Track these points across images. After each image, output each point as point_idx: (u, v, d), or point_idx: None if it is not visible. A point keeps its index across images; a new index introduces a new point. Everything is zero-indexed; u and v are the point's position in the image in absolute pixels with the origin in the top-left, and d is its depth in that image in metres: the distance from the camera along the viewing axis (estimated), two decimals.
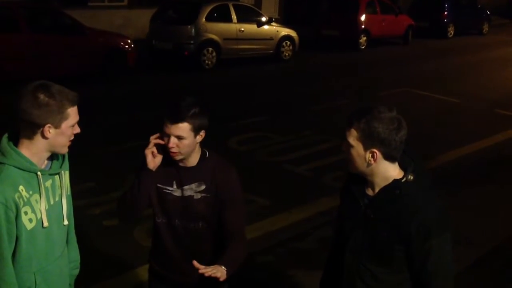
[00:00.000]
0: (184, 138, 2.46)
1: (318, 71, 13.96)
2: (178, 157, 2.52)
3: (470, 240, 5.20)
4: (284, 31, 15.01)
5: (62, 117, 2.13)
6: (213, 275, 2.32)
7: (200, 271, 2.33)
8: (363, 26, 17.58)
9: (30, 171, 2.14)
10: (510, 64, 15.62)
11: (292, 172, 6.85)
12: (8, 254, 2.12)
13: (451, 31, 21.35)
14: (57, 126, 2.13)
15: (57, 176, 2.29)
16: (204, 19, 13.09)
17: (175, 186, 2.60)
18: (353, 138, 2.25)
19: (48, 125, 2.11)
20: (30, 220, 2.15)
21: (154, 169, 2.53)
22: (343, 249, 2.40)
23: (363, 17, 17.64)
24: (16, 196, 2.09)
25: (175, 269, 2.71)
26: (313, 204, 5.90)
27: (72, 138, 2.23)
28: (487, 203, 6.11)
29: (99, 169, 6.45)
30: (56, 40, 10.75)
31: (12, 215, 2.09)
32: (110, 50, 11.48)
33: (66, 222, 2.35)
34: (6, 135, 2.19)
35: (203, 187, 2.58)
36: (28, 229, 2.15)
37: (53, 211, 2.27)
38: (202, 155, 2.61)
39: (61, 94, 2.13)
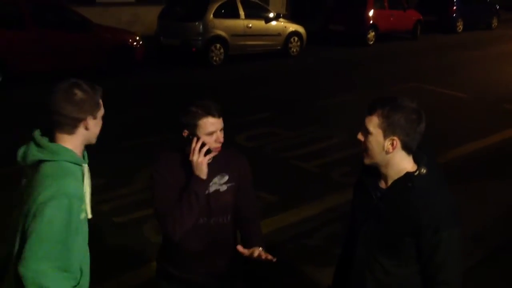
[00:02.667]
0: (222, 129, 2.55)
1: (326, 67, 13.92)
2: (218, 150, 2.55)
3: (480, 235, 5.19)
4: (292, 27, 14.98)
5: (97, 108, 2.32)
6: (265, 257, 2.51)
7: (247, 255, 2.51)
8: (371, 21, 17.51)
9: (77, 164, 2.27)
10: None
11: (300, 168, 6.84)
12: (73, 246, 2.19)
13: (460, 26, 21.22)
14: (95, 117, 2.31)
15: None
16: (212, 15, 13.09)
17: None
18: (373, 125, 2.26)
19: (89, 117, 2.28)
20: (85, 212, 2.28)
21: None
22: (355, 242, 2.41)
23: (371, 12, 17.56)
24: (80, 194, 2.22)
25: (195, 268, 2.67)
26: (321, 200, 5.90)
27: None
28: (496, 199, 6.08)
29: (107, 166, 6.47)
30: (62, 36, 10.81)
31: (83, 208, 2.23)
32: (118, 46, 11.51)
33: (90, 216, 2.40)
34: (38, 133, 2.29)
35: (226, 177, 2.61)
36: (81, 219, 2.24)
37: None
38: None
39: (91, 87, 2.31)
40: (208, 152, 2.47)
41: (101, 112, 2.35)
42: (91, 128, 2.31)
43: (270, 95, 10.50)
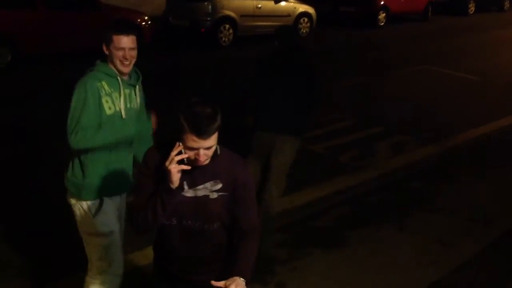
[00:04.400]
0: (213, 146, 2.32)
1: (336, 48, 13.81)
2: (204, 163, 2.36)
3: (488, 220, 5.17)
4: (302, 7, 14.85)
5: (109, 41, 3.04)
6: None
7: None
8: (382, 2, 17.32)
9: (111, 76, 3.05)
10: None
11: (309, 150, 6.81)
12: (97, 124, 2.97)
13: (471, 7, 20.97)
14: (107, 48, 3.05)
15: (133, 88, 3.17)
16: None
17: (186, 187, 2.41)
18: None
19: (105, 46, 3.06)
20: (110, 108, 3.02)
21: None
22: None
23: None
24: (97, 85, 2.98)
25: (184, 268, 2.61)
26: (330, 182, 5.88)
27: (122, 60, 3.03)
28: (504, 184, 6.04)
29: None
30: (71, 16, 10.81)
31: (96, 95, 2.97)
32: None
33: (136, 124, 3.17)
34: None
35: (219, 185, 2.44)
36: (107, 114, 3.01)
37: (131, 112, 3.14)
38: (214, 152, 2.39)
39: (110, 26, 3.08)
40: (181, 162, 2.29)
41: (113, 45, 3.01)
42: (109, 55, 3.06)
43: None
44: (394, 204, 5.49)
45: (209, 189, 2.43)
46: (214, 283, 2.31)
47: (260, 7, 13.82)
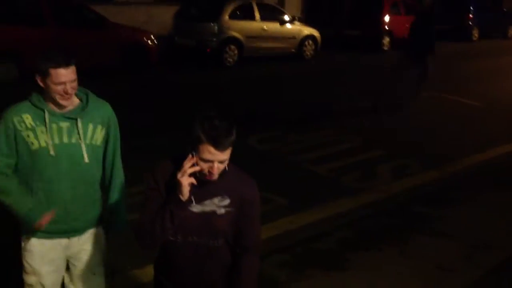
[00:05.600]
0: (226, 160, 2.34)
1: (340, 71, 13.89)
2: (215, 178, 2.36)
3: (489, 246, 5.15)
4: (307, 30, 14.98)
5: (46, 75, 2.71)
6: None
7: None
8: (386, 27, 17.45)
9: (39, 108, 2.77)
10: None
11: (312, 172, 6.83)
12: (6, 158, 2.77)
13: (475, 34, 21.09)
14: (43, 81, 2.73)
15: (75, 122, 2.80)
16: (227, 16, 13.14)
17: (193, 202, 2.40)
18: None
19: (39, 77, 2.73)
20: (33, 143, 2.74)
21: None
22: None
23: (386, 18, 17.51)
24: (15, 119, 2.75)
25: (186, 284, 2.60)
26: (332, 204, 5.88)
27: (62, 94, 2.73)
28: (505, 209, 6.04)
29: None
30: (80, 34, 10.90)
31: (11, 130, 2.75)
32: (133, 45, 11.59)
33: (86, 160, 2.84)
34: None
35: (227, 201, 2.44)
36: (32, 149, 2.75)
37: (67, 149, 2.79)
38: (223, 168, 2.40)
39: (46, 56, 2.73)
40: (193, 175, 2.31)
41: (51, 79, 2.69)
42: (45, 88, 2.75)
43: (284, 98, 10.50)
44: (395, 228, 5.49)
45: (217, 204, 2.44)
46: None
47: (266, 29, 13.95)
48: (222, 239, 2.50)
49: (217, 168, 2.31)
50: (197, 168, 2.30)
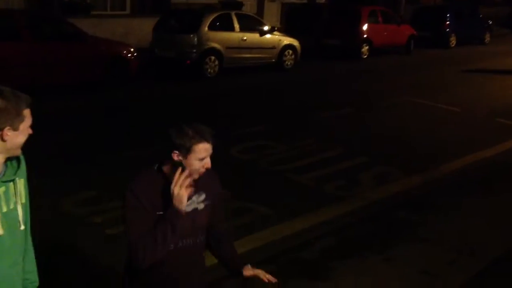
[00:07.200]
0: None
1: (320, 80, 13.97)
2: (209, 167, 2.50)
3: (473, 250, 5.17)
4: (286, 40, 15.04)
5: (19, 119, 2.16)
6: (268, 280, 2.67)
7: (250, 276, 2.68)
8: (365, 36, 17.61)
9: None
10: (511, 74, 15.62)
11: (294, 181, 6.82)
12: None
13: (452, 41, 21.38)
14: (15, 128, 2.16)
15: (11, 184, 2.25)
16: (206, 28, 13.13)
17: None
18: None
19: (8, 127, 2.14)
20: None
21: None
22: None
23: (365, 27, 17.67)
24: None
25: None
26: (315, 213, 5.87)
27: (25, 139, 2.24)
28: (488, 214, 6.08)
29: (100, 178, 6.43)
30: (57, 48, 10.79)
31: None
32: (112, 58, 11.50)
33: (22, 227, 2.30)
34: None
35: (203, 196, 2.57)
36: None
37: (7, 218, 2.22)
38: None
39: (15, 97, 2.16)
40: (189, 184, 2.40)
41: (26, 123, 2.19)
42: (8, 140, 2.15)
43: (265, 107, 10.51)
44: (379, 234, 5.49)
45: (196, 201, 2.55)
46: (248, 272, 2.68)
47: (245, 39, 13.97)
48: (203, 234, 2.63)
49: (209, 161, 2.47)
50: (193, 177, 2.42)
